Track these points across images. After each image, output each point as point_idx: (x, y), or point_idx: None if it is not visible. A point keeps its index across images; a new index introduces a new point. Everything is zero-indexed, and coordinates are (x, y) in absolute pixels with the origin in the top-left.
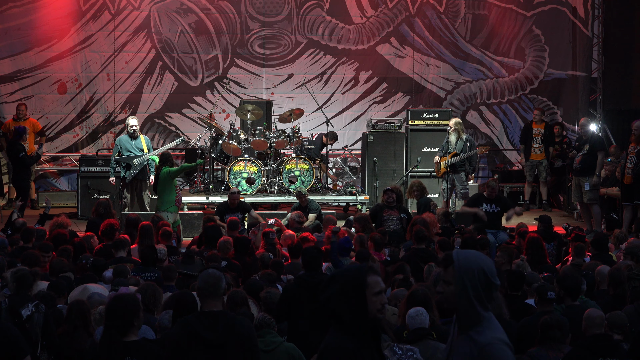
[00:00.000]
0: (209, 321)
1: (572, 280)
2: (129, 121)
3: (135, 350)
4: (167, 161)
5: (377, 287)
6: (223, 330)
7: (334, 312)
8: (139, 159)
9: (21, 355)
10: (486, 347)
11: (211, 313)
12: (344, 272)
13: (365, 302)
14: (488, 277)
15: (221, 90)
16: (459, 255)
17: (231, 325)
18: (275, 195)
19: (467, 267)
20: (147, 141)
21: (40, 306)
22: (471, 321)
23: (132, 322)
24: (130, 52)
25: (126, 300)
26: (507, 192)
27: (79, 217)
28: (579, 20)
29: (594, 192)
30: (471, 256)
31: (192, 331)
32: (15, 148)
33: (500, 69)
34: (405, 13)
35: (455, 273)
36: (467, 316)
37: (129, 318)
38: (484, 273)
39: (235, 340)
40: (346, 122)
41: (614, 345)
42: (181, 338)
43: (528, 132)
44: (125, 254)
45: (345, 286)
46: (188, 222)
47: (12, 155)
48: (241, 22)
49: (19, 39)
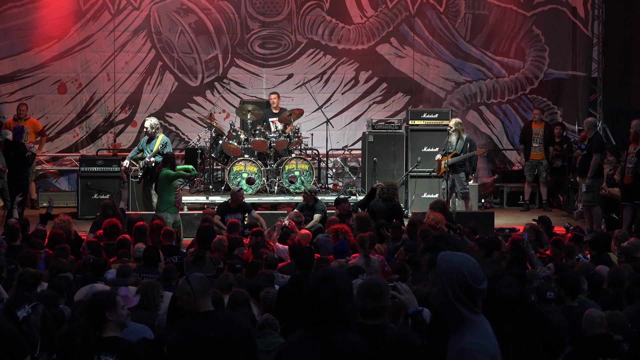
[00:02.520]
0: (206, 321)
1: (572, 279)
2: (144, 122)
3: (110, 346)
4: (168, 162)
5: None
6: (223, 327)
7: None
8: (142, 161)
9: (21, 356)
10: (461, 352)
11: (207, 312)
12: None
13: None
14: (468, 281)
15: (221, 90)
16: (442, 257)
17: (229, 322)
18: (275, 195)
19: (448, 270)
20: (162, 142)
21: (38, 307)
22: (456, 323)
23: (105, 317)
24: (130, 52)
25: (101, 296)
26: (507, 192)
27: (79, 217)
28: (579, 20)
29: (589, 194)
30: (454, 259)
31: (191, 332)
32: (19, 148)
33: (500, 69)
34: (405, 13)
35: (437, 275)
36: (451, 318)
37: (102, 313)
38: (464, 277)
39: (235, 336)
40: (346, 122)
41: (614, 346)
42: (181, 341)
43: (528, 131)
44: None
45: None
46: (188, 222)
47: (16, 155)
48: (241, 22)
49: (19, 39)
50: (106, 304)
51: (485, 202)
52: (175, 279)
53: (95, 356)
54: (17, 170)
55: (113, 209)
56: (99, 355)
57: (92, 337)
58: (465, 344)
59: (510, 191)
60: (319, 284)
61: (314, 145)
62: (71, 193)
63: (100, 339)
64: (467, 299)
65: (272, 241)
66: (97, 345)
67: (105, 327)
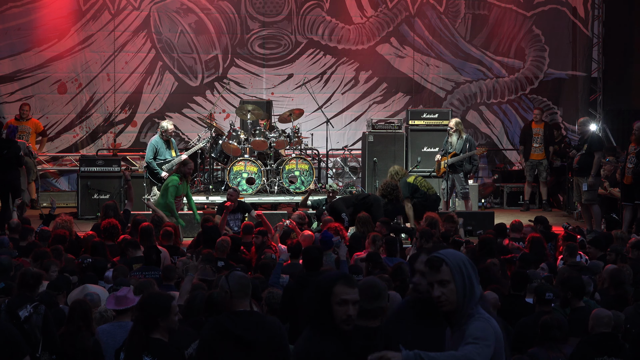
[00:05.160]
0: (241, 320)
1: (577, 281)
2: (167, 125)
3: (155, 348)
4: (180, 171)
5: (341, 297)
6: (256, 329)
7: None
8: (167, 165)
9: (20, 356)
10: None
11: (243, 312)
12: (320, 277)
13: (330, 310)
14: (472, 265)
15: (221, 90)
16: (444, 253)
17: (262, 324)
18: (275, 195)
19: (459, 260)
20: (175, 145)
21: (39, 307)
22: (467, 315)
23: (157, 321)
24: (130, 52)
25: (157, 298)
26: (507, 192)
27: (79, 217)
28: (579, 20)
29: (591, 192)
30: (452, 250)
31: (224, 330)
32: (12, 146)
33: (500, 69)
34: (405, 13)
35: (452, 269)
36: (465, 311)
37: (154, 316)
38: (468, 261)
39: (267, 339)
40: (346, 122)
41: (619, 345)
42: (214, 337)
43: (528, 131)
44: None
45: (315, 291)
46: (188, 222)
47: (9, 154)
48: (241, 22)
49: (19, 39)
50: (163, 308)
51: (485, 202)
52: (174, 278)
53: (140, 355)
54: (9, 170)
55: (114, 210)
56: (142, 355)
57: (141, 337)
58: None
59: (510, 191)
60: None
61: (314, 145)
62: (71, 193)
63: (147, 340)
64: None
65: (275, 241)
66: (144, 345)
67: (154, 330)
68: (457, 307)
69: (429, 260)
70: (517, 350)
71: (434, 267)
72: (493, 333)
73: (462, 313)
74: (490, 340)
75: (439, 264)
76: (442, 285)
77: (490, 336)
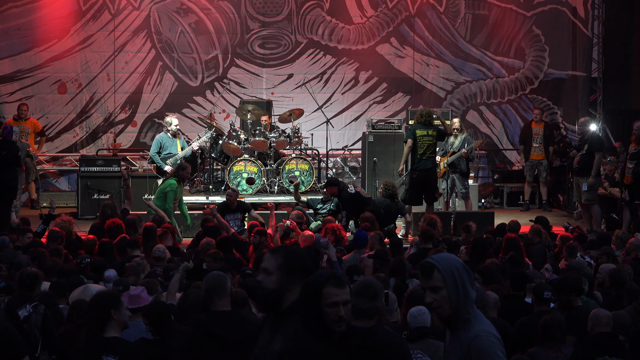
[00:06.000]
0: (222, 320)
1: (573, 281)
2: (172, 120)
3: (112, 347)
4: (178, 175)
5: (331, 299)
6: (237, 328)
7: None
8: (172, 159)
9: (19, 356)
10: (474, 340)
11: (223, 312)
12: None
13: (320, 311)
14: (467, 269)
15: (221, 90)
16: (436, 259)
17: (243, 323)
18: (275, 195)
19: (452, 266)
20: (182, 142)
21: (39, 307)
22: (464, 320)
23: (110, 316)
24: (130, 52)
25: (107, 295)
26: (507, 192)
27: (79, 217)
28: (579, 20)
29: (591, 192)
30: (445, 256)
31: (205, 330)
32: (11, 146)
33: (500, 69)
34: (405, 13)
35: (444, 275)
36: (461, 316)
37: (108, 312)
38: (463, 266)
39: (249, 338)
40: (346, 122)
41: (619, 345)
42: (194, 338)
43: (528, 131)
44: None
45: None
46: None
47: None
48: (241, 22)
49: (19, 39)
50: (112, 303)
51: (485, 202)
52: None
53: (99, 356)
54: (7, 170)
55: (112, 209)
56: (101, 355)
57: (98, 336)
58: (475, 331)
59: (510, 191)
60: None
61: (314, 145)
62: (71, 193)
63: (104, 339)
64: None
65: (274, 242)
66: (102, 345)
67: (108, 327)
68: (452, 312)
69: (420, 265)
70: (517, 350)
71: (425, 273)
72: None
73: (459, 318)
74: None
75: (431, 271)
76: (434, 292)
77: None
